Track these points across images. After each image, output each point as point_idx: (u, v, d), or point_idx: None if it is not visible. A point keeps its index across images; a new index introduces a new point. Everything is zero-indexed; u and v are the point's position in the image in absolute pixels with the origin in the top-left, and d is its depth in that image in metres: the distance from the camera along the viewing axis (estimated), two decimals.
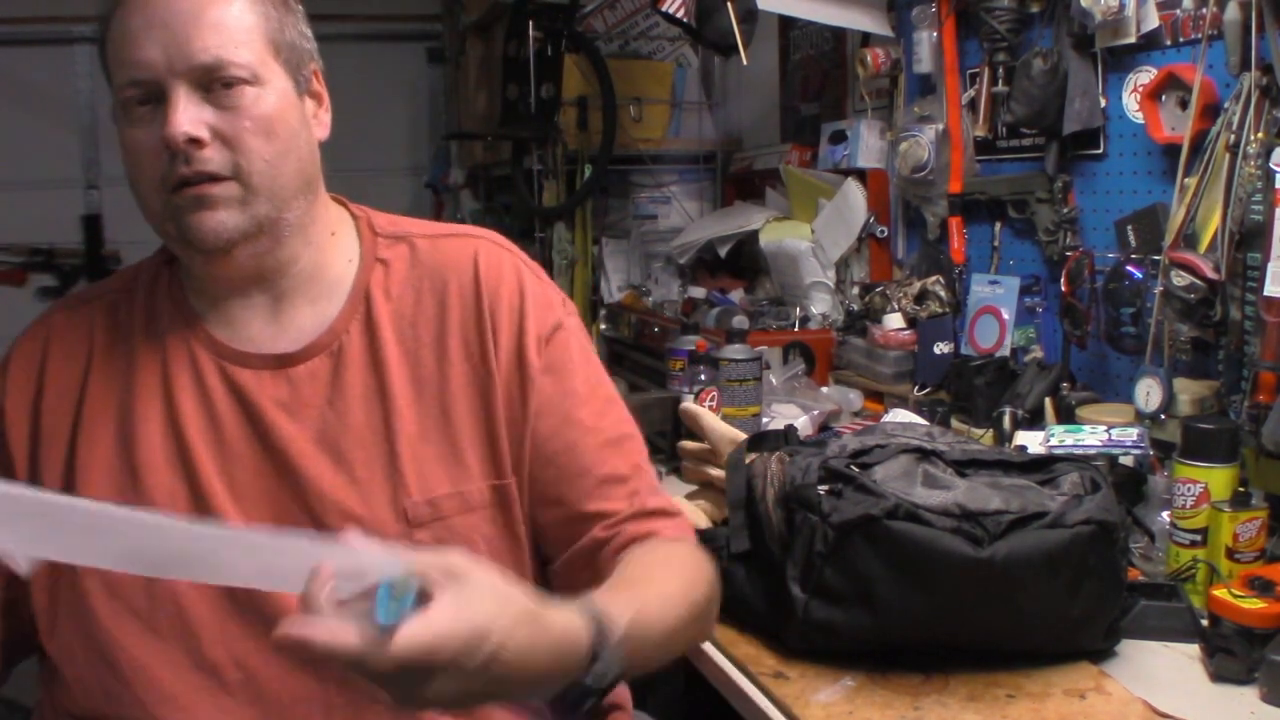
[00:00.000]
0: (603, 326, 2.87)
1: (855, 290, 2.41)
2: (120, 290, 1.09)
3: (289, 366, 1.03)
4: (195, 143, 0.96)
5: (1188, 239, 1.55)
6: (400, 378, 1.04)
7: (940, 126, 2.14)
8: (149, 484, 1.00)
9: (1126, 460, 1.52)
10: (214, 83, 0.97)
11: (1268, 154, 1.40)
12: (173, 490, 1.00)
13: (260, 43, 1.00)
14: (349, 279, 1.08)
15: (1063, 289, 1.80)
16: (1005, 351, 1.97)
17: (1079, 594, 1.13)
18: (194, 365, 1.03)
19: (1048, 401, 1.75)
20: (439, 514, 1.02)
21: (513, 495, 1.05)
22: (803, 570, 1.15)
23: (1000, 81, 1.99)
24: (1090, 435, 1.54)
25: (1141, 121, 1.72)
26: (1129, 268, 1.67)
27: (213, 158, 0.97)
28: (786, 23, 2.91)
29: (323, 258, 1.08)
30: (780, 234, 2.65)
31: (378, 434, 1.02)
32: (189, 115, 0.95)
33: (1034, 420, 1.73)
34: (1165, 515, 1.38)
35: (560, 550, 1.07)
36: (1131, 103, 1.76)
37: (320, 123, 1.09)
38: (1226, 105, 1.50)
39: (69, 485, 0.99)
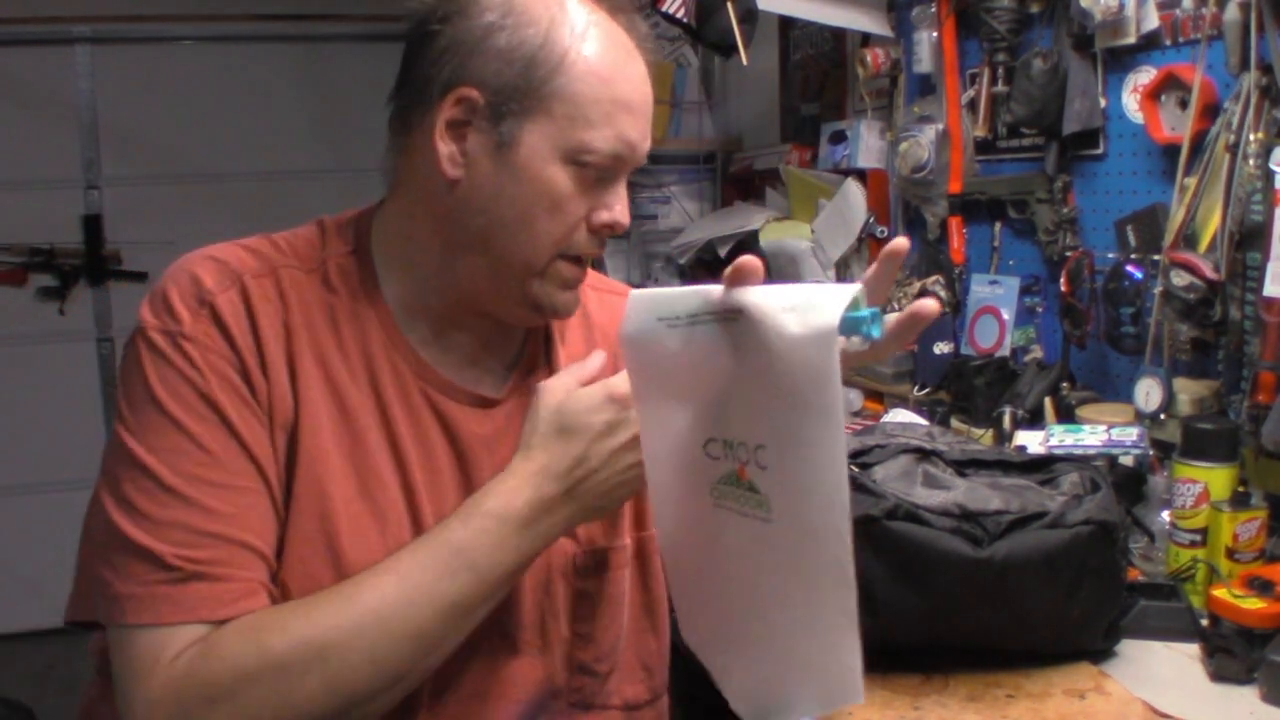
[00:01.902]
0: None
1: None
2: (299, 268, 0.98)
3: (491, 407, 1.01)
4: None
5: (1188, 239, 1.55)
6: None
7: (940, 126, 2.14)
8: (381, 499, 0.94)
9: (1126, 460, 1.52)
10: None
11: (1268, 154, 1.40)
12: (397, 504, 0.95)
13: None
14: None
15: (1063, 289, 1.80)
16: (1005, 351, 1.97)
17: (1079, 594, 1.13)
18: (401, 383, 0.98)
19: (1048, 401, 1.76)
20: (602, 566, 1.03)
21: (653, 546, 1.07)
22: None
23: (1000, 81, 1.99)
24: (1090, 435, 1.54)
25: (1141, 121, 1.72)
26: (1129, 268, 1.67)
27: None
28: (786, 23, 2.91)
29: None
30: (780, 234, 2.65)
31: None
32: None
33: (1034, 420, 1.73)
34: (1165, 515, 1.38)
35: None
36: (1131, 103, 1.76)
37: None
38: (1226, 105, 1.50)
39: (292, 457, 0.92)
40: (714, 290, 0.76)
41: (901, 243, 0.82)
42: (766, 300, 0.72)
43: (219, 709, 0.82)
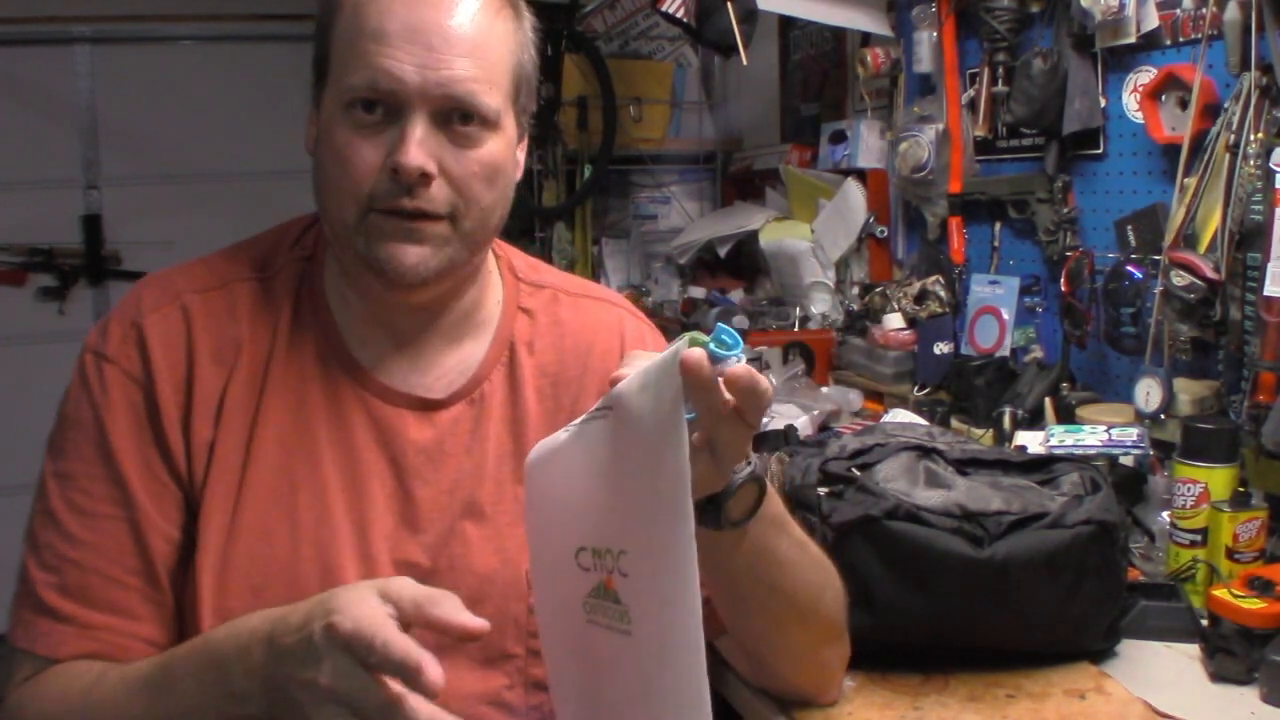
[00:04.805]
0: None
1: (855, 290, 2.41)
2: (254, 279, 0.99)
3: (433, 411, 0.99)
4: (425, 177, 0.89)
5: (1188, 239, 1.55)
6: (538, 438, 0.99)
7: (940, 126, 2.14)
8: (295, 512, 0.94)
9: (1126, 460, 1.52)
10: (454, 114, 0.91)
11: (1268, 154, 1.40)
12: (310, 515, 0.95)
13: (507, 81, 0.94)
14: (494, 322, 1.04)
15: (1063, 289, 1.80)
16: (1005, 351, 1.97)
17: (1079, 594, 1.13)
18: (334, 391, 0.97)
19: (1048, 401, 1.75)
20: None
21: None
22: None
23: (1000, 81, 1.99)
24: (1090, 435, 1.54)
25: (1141, 121, 1.72)
26: (1129, 268, 1.67)
27: (436, 196, 0.90)
28: (786, 23, 2.91)
29: (479, 297, 1.04)
30: (780, 234, 2.65)
31: (509, 492, 1.00)
32: (427, 148, 0.89)
33: (1034, 420, 1.73)
34: (1165, 515, 1.38)
35: None
36: (1131, 103, 1.76)
37: (519, 163, 1.01)
38: (1226, 105, 1.50)
39: (242, 481, 0.93)
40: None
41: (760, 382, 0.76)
42: (628, 385, 0.71)
43: None
